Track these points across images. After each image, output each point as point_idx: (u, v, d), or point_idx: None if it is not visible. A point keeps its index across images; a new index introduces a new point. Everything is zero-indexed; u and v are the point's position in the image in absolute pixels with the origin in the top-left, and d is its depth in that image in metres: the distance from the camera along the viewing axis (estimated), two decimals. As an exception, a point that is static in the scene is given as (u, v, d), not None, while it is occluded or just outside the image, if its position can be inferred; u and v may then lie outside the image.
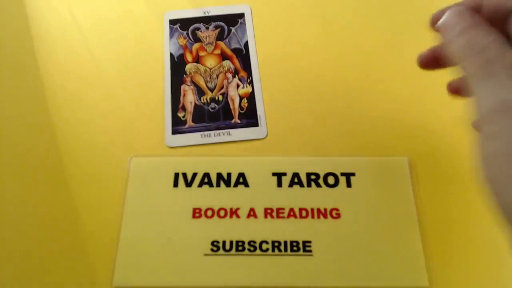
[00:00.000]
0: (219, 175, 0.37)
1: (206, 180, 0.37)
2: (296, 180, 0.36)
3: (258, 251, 0.33)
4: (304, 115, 0.40)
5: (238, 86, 0.42)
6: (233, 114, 0.40)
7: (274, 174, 0.37)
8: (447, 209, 0.35)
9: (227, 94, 0.42)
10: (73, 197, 0.36)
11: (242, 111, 0.41)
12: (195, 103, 0.41)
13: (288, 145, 0.39)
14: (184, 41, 0.45)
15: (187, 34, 0.45)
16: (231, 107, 0.41)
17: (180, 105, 0.41)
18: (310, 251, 0.33)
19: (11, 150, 0.38)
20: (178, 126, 0.40)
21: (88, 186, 0.37)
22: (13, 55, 0.44)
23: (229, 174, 0.37)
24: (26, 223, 0.35)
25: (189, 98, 0.41)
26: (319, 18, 0.46)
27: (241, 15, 0.46)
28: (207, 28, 0.45)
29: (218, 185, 0.36)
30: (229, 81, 0.42)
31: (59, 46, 0.45)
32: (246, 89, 0.42)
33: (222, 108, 0.41)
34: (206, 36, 0.45)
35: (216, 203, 0.35)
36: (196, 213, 0.35)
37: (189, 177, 0.37)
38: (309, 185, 0.36)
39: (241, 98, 0.41)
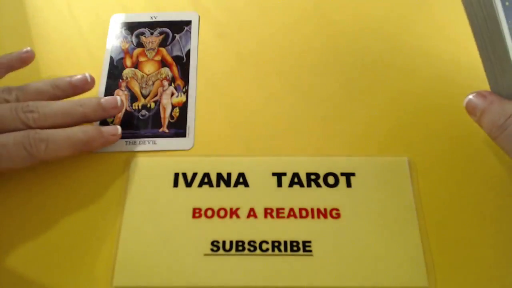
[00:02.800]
0: (219, 175, 0.37)
1: (206, 180, 0.37)
2: (296, 180, 0.36)
3: (258, 251, 0.33)
4: (304, 116, 0.40)
5: (172, 94, 0.41)
6: (162, 123, 0.40)
7: (274, 174, 0.37)
8: (447, 209, 0.35)
9: (160, 102, 0.41)
10: (73, 196, 0.36)
11: (172, 120, 0.40)
12: (126, 109, 0.40)
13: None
14: (127, 45, 0.44)
15: (131, 38, 0.45)
16: (162, 115, 0.40)
17: None
18: (310, 251, 0.33)
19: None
20: None
21: (88, 186, 0.37)
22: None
23: (229, 174, 0.37)
24: (25, 223, 0.35)
25: None
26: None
27: (188, 23, 0.45)
28: (152, 34, 0.45)
29: (218, 185, 0.36)
30: (165, 88, 0.41)
31: (59, 45, 0.45)
32: (180, 98, 0.41)
33: (152, 116, 0.40)
34: (149, 42, 0.44)
35: (216, 203, 0.35)
36: (196, 213, 0.35)
37: (189, 177, 0.37)
38: (309, 185, 0.36)
39: (174, 107, 0.40)
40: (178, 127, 0.40)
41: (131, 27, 0.46)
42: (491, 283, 0.32)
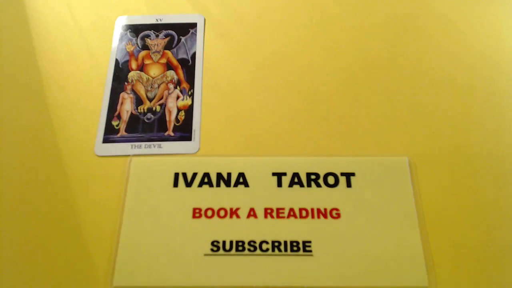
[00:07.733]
0: (219, 175, 0.37)
1: (206, 180, 0.37)
2: (296, 180, 0.36)
3: (258, 251, 0.33)
4: (304, 116, 0.40)
5: (178, 97, 0.41)
6: (168, 127, 0.40)
7: (274, 174, 0.37)
8: (447, 209, 0.35)
9: (165, 105, 0.41)
10: (73, 197, 0.36)
11: (177, 124, 0.40)
12: (131, 112, 0.40)
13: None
14: (132, 48, 0.44)
15: (136, 40, 0.45)
16: (167, 118, 0.40)
17: (116, 113, 0.40)
18: (310, 251, 0.33)
19: (11, 150, 0.38)
20: (110, 134, 0.39)
21: (88, 186, 0.37)
22: (13, 55, 0.44)
23: (229, 174, 0.37)
24: (26, 223, 0.35)
25: (126, 106, 0.40)
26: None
27: (193, 25, 0.45)
28: (157, 36, 0.45)
29: (218, 185, 0.36)
30: (170, 91, 0.41)
31: (59, 46, 0.45)
32: (185, 101, 0.41)
33: (157, 120, 0.40)
34: (155, 44, 0.44)
35: (216, 203, 0.35)
36: (196, 213, 0.35)
37: (189, 177, 0.37)
38: (309, 185, 0.36)
39: (179, 110, 0.40)
40: (184, 131, 0.40)
41: (136, 29, 0.45)
42: (491, 283, 0.32)
